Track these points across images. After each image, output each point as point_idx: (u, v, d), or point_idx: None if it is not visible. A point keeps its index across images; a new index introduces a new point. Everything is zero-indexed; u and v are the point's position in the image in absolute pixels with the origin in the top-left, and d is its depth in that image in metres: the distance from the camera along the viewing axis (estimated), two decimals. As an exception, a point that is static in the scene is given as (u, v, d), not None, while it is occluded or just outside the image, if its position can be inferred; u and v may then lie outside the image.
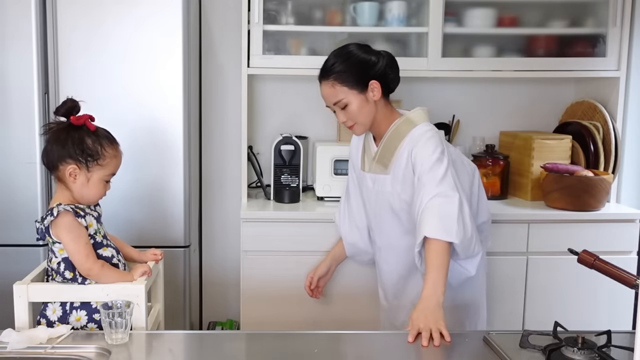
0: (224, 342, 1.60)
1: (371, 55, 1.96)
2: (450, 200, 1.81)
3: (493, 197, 2.85)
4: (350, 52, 1.96)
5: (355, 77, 1.92)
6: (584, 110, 2.94)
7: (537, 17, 2.84)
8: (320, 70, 1.99)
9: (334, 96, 1.95)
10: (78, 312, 1.65)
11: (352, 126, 2.00)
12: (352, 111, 1.95)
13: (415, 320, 1.58)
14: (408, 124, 1.98)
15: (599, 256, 1.42)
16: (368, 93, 1.94)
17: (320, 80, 1.99)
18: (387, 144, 1.99)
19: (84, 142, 1.65)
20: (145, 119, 2.45)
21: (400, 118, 2.00)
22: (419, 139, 1.93)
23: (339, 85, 1.93)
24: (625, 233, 2.63)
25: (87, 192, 1.68)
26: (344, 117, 1.98)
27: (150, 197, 2.48)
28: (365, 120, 1.97)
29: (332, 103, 1.98)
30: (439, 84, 3.03)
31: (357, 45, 2.00)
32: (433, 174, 1.85)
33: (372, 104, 1.95)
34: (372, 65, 1.94)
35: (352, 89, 1.93)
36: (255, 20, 2.63)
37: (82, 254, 1.62)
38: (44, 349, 1.46)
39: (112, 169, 1.71)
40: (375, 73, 1.94)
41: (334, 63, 1.95)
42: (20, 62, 2.37)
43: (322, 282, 2.34)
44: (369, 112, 1.96)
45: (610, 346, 1.40)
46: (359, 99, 1.94)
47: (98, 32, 2.40)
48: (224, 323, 2.96)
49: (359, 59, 1.94)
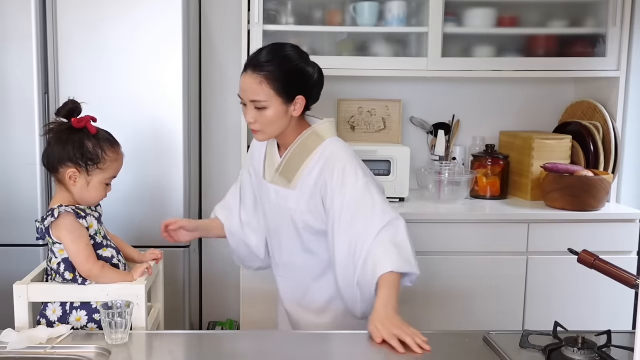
0: (224, 342, 1.60)
1: (308, 67, 1.82)
2: (397, 228, 1.76)
3: (493, 197, 2.85)
4: (289, 56, 1.80)
5: (286, 86, 1.77)
6: (584, 110, 2.94)
7: (537, 17, 2.84)
8: (251, 59, 1.81)
9: (256, 94, 1.76)
10: (78, 312, 1.65)
11: (257, 131, 1.83)
12: (266, 117, 1.78)
13: (373, 332, 1.53)
14: (316, 139, 1.86)
15: (599, 256, 1.42)
16: (291, 106, 1.79)
17: (247, 70, 1.79)
18: (293, 157, 1.86)
19: (84, 146, 1.64)
20: (145, 119, 2.45)
21: (307, 130, 1.86)
22: (333, 164, 1.80)
23: (266, 86, 1.75)
24: (625, 233, 2.63)
25: (88, 195, 1.68)
26: (253, 119, 1.79)
27: (150, 196, 2.48)
28: (275, 132, 1.83)
29: (249, 99, 1.78)
30: (439, 84, 3.03)
31: (296, 50, 1.84)
32: (366, 208, 1.75)
33: (289, 117, 1.81)
34: (306, 78, 1.81)
35: (279, 96, 1.76)
36: (255, 20, 2.63)
37: (83, 256, 1.62)
38: (44, 349, 1.46)
39: (113, 172, 1.70)
40: (305, 87, 1.81)
41: (270, 61, 1.77)
42: (20, 62, 2.37)
43: (182, 233, 2.00)
44: (282, 125, 1.81)
45: (610, 346, 1.40)
46: (280, 109, 1.77)
47: (98, 32, 2.40)
48: (224, 323, 2.96)
49: (297, 68, 1.79)
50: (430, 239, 2.58)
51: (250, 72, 1.77)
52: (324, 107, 3.03)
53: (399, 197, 2.75)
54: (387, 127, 3.01)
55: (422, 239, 2.59)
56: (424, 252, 2.58)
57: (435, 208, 2.71)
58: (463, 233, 2.59)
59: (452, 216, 2.61)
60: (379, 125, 3.01)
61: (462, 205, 2.74)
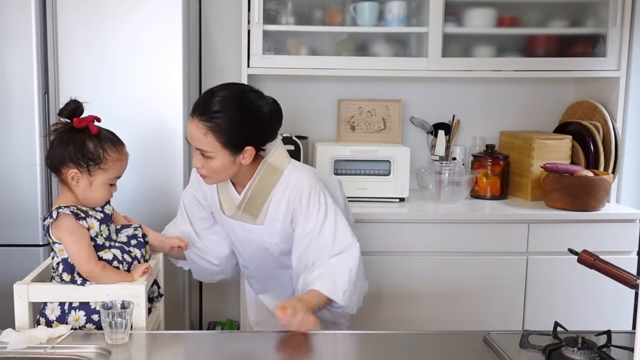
0: (224, 342, 1.60)
1: (259, 114, 1.76)
2: (348, 256, 1.78)
3: (493, 197, 2.85)
4: (238, 108, 1.73)
5: (234, 141, 1.72)
6: (584, 110, 2.94)
7: (537, 17, 2.84)
8: (198, 105, 1.75)
9: (200, 144, 1.72)
10: (77, 313, 1.64)
11: (205, 177, 1.80)
12: (213, 166, 1.74)
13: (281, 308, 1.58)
14: (274, 172, 1.83)
15: (599, 256, 1.42)
16: (239, 156, 1.75)
17: (193, 116, 1.72)
18: (254, 194, 1.84)
19: (85, 146, 1.63)
20: (145, 119, 2.45)
21: (261, 165, 1.83)
22: (300, 194, 1.81)
23: (211, 138, 1.70)
24: (625, 233, 2.63)
25: (91, 196, 1.67)
26: (200, 164, 1.75)
27: (150, 196, 2.48)
28: (224, 178, 1.81)
29: (195, 147, 1.74)
30: (439, 84, 3.03)
31: (249, 96, 1.76)
32: (323, 237, 1.79)
33: (238, 165, 1.77)
34: (256, 128, 1.76)
35: (225, 148, 1.71)
36: (255, 20, 2.63)
37: (84, 256, 1.61)
38: (44, 349, 1.46)
39: (116, 172, 1.68)
40: (255, 137, 1.77)
41: (218, 112, 1.70)
42: (20, 62, 2.37)
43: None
44: (231, 171, 1.78)
45: (610, 346, 1.41)
46: (227, 160, 1.74)
47: (98, 32, 2.40)
48: (224, 323, 2.96)
49: (246, 120, 1.73)
50: (430, 239, 2.58)
51: (196, 120, 1.71)
52: (324, 107, 3.04)
53: (399, 197, 2.76)
54: (387, 127, 3.01)
55: (422, 239, 2.59)
56: (424, 252, 2.60)
57: (435, 208, 2.71)
58: (463, 233, 2.59)
59: (452, 216, 2.61)
60: (379, 125, 3.01)
61: (462, 205, 2.74)
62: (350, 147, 2.76)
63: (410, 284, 2.58)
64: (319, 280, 1.74)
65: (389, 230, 2.57)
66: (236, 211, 1.89)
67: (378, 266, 2.55)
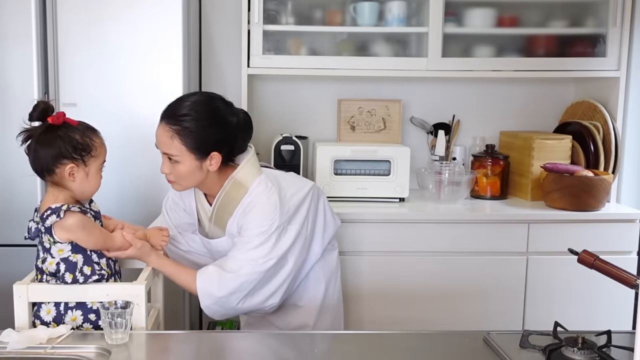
0: (224, 342, 1.60)
1: (225, 120, 1.78)
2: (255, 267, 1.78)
3: (493, 197, 2.85)
4: (206, 113, 1.76)
5: (199, 144, 1.74)
6: (584, 110, 2.94)
7: (537, 17, 2.84)
8: (167, 109, 1.79)
9: (167, 147, 1.76)
10: (73, 312, 1.64)
11: (172, 182, 1.83)
12: (179, 171, 1.77)
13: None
14: (239, 189, 1.84)
15: (599, 256, 1.42)
16: (205, 162, 1.77)
17: (162, 120, 1.77)
18: (220, 209, 1.87)
19: (73, 139, 1.63)
20: (146, 119, 2.44)
21: (228, 181, 1.84)
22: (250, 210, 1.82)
23: (177, 141, 1.73)
24: (625, 233, 2.63)
25: (88, 186, 1.67)
26: (167, 170, 1.79)
27: (150, 197, 2.48)
28: (190, 184, 1.83)
29: (162, 151, 1.78)
30: (439, 84, 3.03)
31: (220, 101, 1.81)
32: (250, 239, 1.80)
33: (205, 171, 1.79)
34: (223, 136, 1.78)
35: (191, 152, 1.74)
36: (255, 20, 2.63)
37: (101, 243, 1.68)
38: (44, 349, 1.46)
39: (103, 156, 1.71)
40: (222, 143, 1.78)
41: (185, 115, 1.74)
42: (20, 62, 2.37)
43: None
44: (198, 178, 1.80)
45: (610, 346, 1.41)
46: (193, 165, 1.76)
47: (98, 32, 2.40)
48: (224, 323, 2.96)
49: (212, 124, 1.76)
50: (430, 239, 2.58)
51: (164, 124, 1.76)
52: (324, 107, 3.05)
53: (399, 197, 2.76)
54: (387, 127, 3.01)
55: (422, 239, 2.59)
56: (424, 252, 2.59)
57: (435, 208, 2.71)
58: (463, 233, 2.59)
59: (452, 216, 2.61)
60: (379, 125, 3.01)
61: (462, 205, 2.74)
62: (350, 147, 2.76)
63: (410, 284, 2.58)
64: (207, 271, 1.80)
65: (389, 230, 2.57)
66: (210, 225, 1.92)
67: (378, 266, 2.55)
